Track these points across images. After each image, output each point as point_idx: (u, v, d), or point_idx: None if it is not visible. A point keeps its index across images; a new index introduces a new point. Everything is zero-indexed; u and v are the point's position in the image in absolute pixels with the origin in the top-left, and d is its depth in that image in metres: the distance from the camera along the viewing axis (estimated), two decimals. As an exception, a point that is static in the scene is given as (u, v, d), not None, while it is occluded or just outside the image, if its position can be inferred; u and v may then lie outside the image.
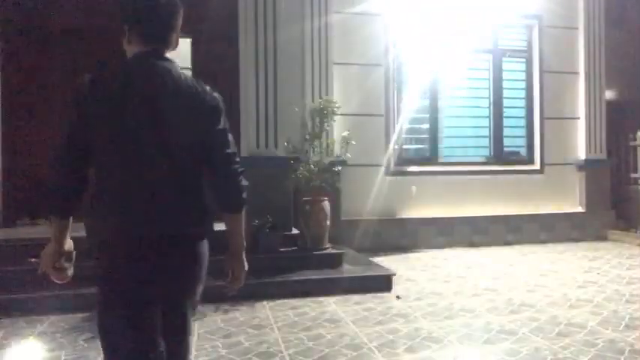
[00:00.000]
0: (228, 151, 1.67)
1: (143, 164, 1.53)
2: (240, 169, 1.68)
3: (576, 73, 7.32)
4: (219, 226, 1.69)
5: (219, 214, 1.69)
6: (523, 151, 7.35)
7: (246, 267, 1.76)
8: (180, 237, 1.58)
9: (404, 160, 6.78)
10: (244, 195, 1.68)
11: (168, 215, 1.55)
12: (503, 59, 7.20)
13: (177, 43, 1.71)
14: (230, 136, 1.70)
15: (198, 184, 1.64)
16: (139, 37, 1.63)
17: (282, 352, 3.02)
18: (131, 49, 1.65)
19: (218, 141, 1.66)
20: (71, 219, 1.60)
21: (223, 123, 1.69)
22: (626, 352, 2.99)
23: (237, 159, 1.69)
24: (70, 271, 1.66)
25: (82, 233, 1.62)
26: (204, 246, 1.66)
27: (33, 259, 1.68)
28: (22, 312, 3.73)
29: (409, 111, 6.79)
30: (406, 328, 3.43)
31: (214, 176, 1.67)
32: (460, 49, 6.97)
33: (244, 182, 1.69)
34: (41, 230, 4.85)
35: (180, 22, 1.70)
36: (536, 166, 7.23)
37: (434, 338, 3.24)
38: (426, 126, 6.92)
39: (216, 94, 1.73)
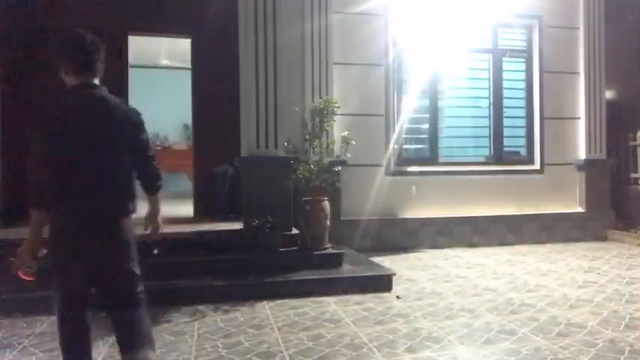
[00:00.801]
0: (150, 154, 2.33)
1: (89, 165, 2.13)
2: (157, 166, 2.38)
3: (576, 73, 7.31)
4: (221, 226, 1.84)
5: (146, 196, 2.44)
6: (523, 151, 7.35)
7: (161, 224, 2.52)
8: (116, 217, 2.21)
9: (404, 160, 6.78)
10: (160, 183, 2.41)
11: (107, 204, 2.18)
12: (503, 59, 7.19)
13: (102, 72, 2.29)
14: (151, 143, 2.37)
15: (129, 178, 2.25)
16: (73, 71, 2.20)
17: (282, 352, 3.02)
18: (68, 80, 2.22)
19: (143, 147, 2.30)
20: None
21: (145, 133, 2.31)
22: (626, 352, 3.00)
23: (155, 158, 2.36)
24: (35, 269, 2.18)
25: None
26: (130, 221, 2.28)
27: (12, 259, 2.17)
28: (22, 312, 3.74)
29: (409, 111, 6.79)
30: (406, 328, 3.43)
31: (141, 171, 2.32)
32: (460, 49, 6.97)
33: (161, 174, 2.42)
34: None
35: (103, 55, 2.29)
36: (536, 166, 7.22)
37: (434, 338, 3.24)
38: (426, 126, 6.92)
39: (138, 111, 2.31)
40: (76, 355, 2.19)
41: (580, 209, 7.27)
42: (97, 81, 2.25)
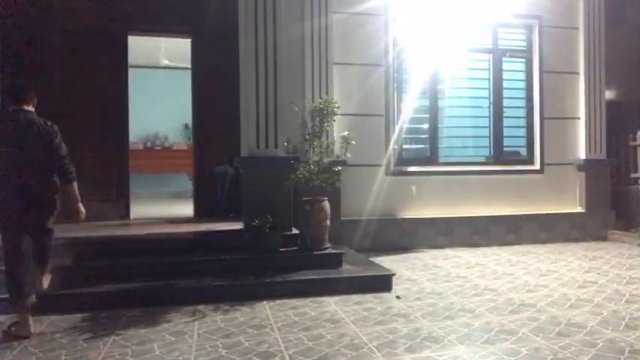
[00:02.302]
0: (62, 154, 3.44)
1: (21, 163, 3.34)
2: (67, 163, 3.46)
3: (576, 73, 7.32)
4: (221, 226, 1.81)
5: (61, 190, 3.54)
6: (523, 151, 7.35)
7: (83, 210, 3.61)
8: (40, 195, 3.42)
9: (404, 160, 6.78)
10: (71, 175, 3.48)
11: (34, 186, 3.37)
12: (503, 59, 7.20)
13: (35, 103, 3.54)
14: (63, 146, 3.46)
15: (49, 171, 3.44)
16: (13, 102, 3.47)
17: (282, 352, 3.02)
18: (11, 107, 3.47)
19: (56, 150, 3.43)
20: None
21: (59, 140, 3.44)
22: (626, 352, 2.99)
23: (67, 157, 3.47)
24: None
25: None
26: (51, 195, 3.48)
27: None
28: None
29: (409, 111, 6.79)
30: (406, 328, 3.43)
31: (55, 166, 3.44)
32: (460, 49, 6.97)
33: (71, 169, 3.48)
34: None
35: (33, 92, 3.53)
36: (536, 166, 7.22)
37: (434, 338, 3.24)
38: (426, 126, 6.91)
39: (54, 126, 3.47)
40: (17, 262, 3.38)
41: (580, 209, 7.27)
42: (29, 108, 3.48)
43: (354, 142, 5.29)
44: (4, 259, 3.40)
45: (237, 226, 5.21)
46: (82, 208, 3.59)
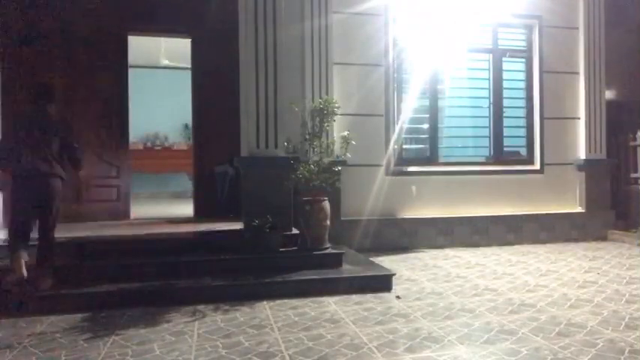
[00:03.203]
0: (76, 145, 4.15)
1: (35, 148, 3.91)
2: (80, 152, 4.20)
3: (576, 73, 7.32)
4: (221, 226, 1.82)
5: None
6: (523, 151, 7.35)
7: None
8: (49, 175, 3.95)
9: (404, 160, 6.78)
10: (81, 163, 4.19)
11: (44, 167, 3.92)
12: (503, 59, 7.20)
13: (52, 108, 4.15)
14: (73, 140, 4.17)
15: (58, 157, 4.04)
16: (36, 101, 4.11)
17: (282, 352, 3.02)
18: (33, 105, 4.15)
19: (72, 141, 4.14)
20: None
21: (70, 135, 4.14)
22: (626, 352, 2.99)
23: (80, 148, 4.21)
24: None
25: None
26: (58, 180, 4.02)
27: None
28: (22, 312, 3.74)
29: (409, 111, 6.79)
30: (406, 328, 3.43)
31: (69, 156, 4.10)
32: (460, 49, 6.97)
33: (81, 156, 4.20)
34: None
35: (52, 97, 4.17)
36: (536, 166, 7.23)
37: (434, 338, 3.24)
38: (426, 126, 6.91)
39: (67, 122, 4.58)
40: (21, 224, 3.92)
41: (580, 209, 7.27)
42: (48, 107, 4.10)
43: (354, 142, 5.29)
44: (10, 224, 3.95)
45: (237, 226, 5.21)
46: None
